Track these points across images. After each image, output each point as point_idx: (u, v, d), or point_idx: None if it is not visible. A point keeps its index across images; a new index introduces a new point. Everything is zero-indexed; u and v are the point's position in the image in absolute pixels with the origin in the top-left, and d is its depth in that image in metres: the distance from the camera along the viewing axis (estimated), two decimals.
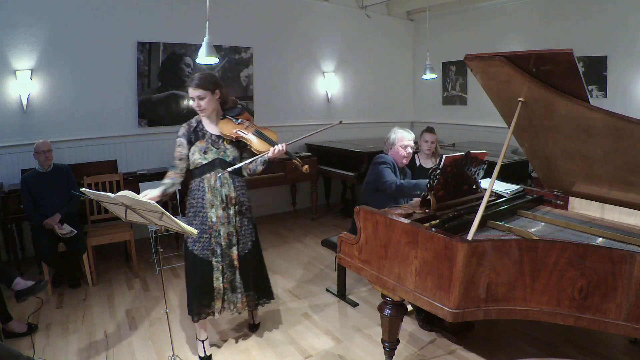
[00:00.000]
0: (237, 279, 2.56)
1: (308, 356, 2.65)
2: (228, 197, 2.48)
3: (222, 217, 2.47)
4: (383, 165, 3.05)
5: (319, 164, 5.49)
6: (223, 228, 2.48)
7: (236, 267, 2.55)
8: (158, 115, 4.85)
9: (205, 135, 2.48)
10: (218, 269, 2.50)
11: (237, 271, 2.55)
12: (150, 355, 2.63)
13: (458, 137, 6.34)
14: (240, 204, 2.54)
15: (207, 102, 2.40)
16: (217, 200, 2.46)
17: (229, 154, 2.48)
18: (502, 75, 2.02)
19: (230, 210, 2.49)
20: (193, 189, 2.52)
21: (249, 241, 2.61)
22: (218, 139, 2.49)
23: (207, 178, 2.46)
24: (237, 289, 2.58)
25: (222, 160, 2.46)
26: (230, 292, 2.56)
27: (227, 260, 2.52)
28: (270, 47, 5.56)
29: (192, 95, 2.39)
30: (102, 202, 2.16)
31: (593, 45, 4.86)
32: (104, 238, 3.75)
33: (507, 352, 2.64)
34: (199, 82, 2.37)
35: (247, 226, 2.60)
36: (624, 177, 2.16)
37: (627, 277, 1.64)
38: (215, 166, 2.45)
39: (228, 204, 2.48)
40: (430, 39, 6.36)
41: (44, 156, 3.48)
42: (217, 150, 2.46)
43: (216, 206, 2.46)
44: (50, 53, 4.15)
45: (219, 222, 2.47)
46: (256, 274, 2.67)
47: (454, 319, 1.77)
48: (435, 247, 1.80)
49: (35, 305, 3.24)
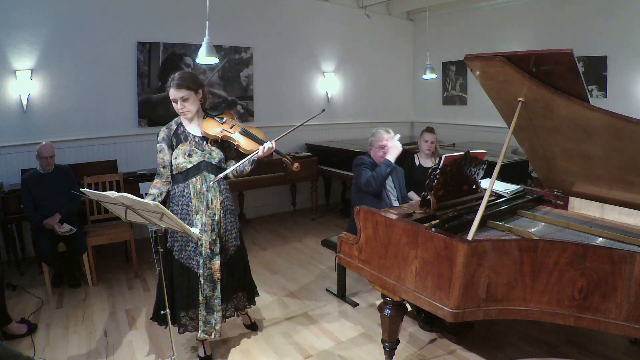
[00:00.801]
0: (215, 295, 2.38)
1: (308, 356, 2.65)
2: (213, 202, 2.35)
3: (206, 225, 2.32)
4: (360, 167, 3.15)
5: (319, 164, 5.49)
6: (205, 236, 2.32)
7: (217, 280, 2.37)
8: (158, 115, 4.84)
9: (187, 138, 2.36)
10: (201, 281, 2.35)
11: (217, 285, 2.37)
12: (150, 355, 2.63)
13: (458, 137, 6.34)
14: (224, 208, 2.41)
15: (191, 102, 2.30)
16: (203, 206, 2.33)
17: (214, 155, 2.36)
18: (502, 75, 2.02)
19: (215, 217, 2.36)
20: (177, 195, 2.37)
21: (231, 247, 2.48)
22: (202, 140, 2.37)
23: (192, 183, 2.33)
24: (213, 308, 2.37)
25: (208, 163, 2.34)
26: (205, 312, 2.36)
27: (207, 272, 2.34)
28: (270, 47, 5.56)
29: (175, 97, 2.26)
30: (102, 202, 2.16)
31: (593, 45, 4.86)
32: (104, 238, 3.75)
33: (507, 352, 2.64)
34: (181, 82, 2.26)
35: (230, 231, 2.47)
36: (624, 177, 2.16)
37: (627, 277, 1.64)
38: (201, 169, 2.32)
39: (213, 209, 2.35)
40: (430, 39, 6.36)
41: (46, 161, 3.48)
42: (202, 153, 2.34)
43: (201, 212, 2.32)
44: (50, 53, 4.15)
45: (202, 229, 2.31)
46: (241, 277, 2.58)
47: (454, 319, 1.77)
48: (435, 247, 1.80)
49: (35, 305, 3.25)
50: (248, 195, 5.60)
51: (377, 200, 3.08)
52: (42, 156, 3.46)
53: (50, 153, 3.48)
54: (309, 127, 6.02)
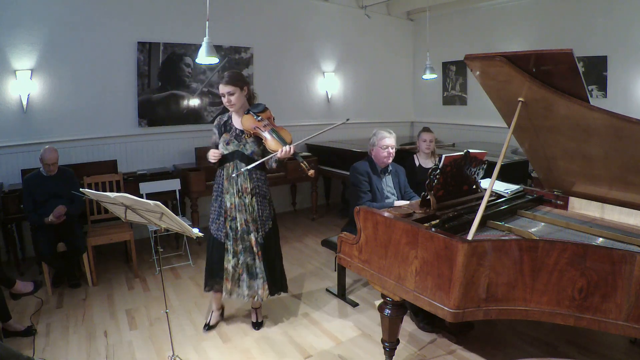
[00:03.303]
0: (256, 264, 2.71)
1: (308, 356, 2.65)
2: (243, 187, 2.67)
3: (238, 205, 2.66)
4: (356, 181, 3.13)
5: (319, 164, 5.49)
6: (239, 215, 2.67)
7: (256, 253, 2.70)
8: (158, 115, 4.84)
9: (231, 129, 2.71)
10: (229, 252, 2.68)
11: (256, 258, 2.71)
12: (150, 355, 2.63)
13: (458, 137, 6.34)
14: (257, 194, 2.71)
15: (236, 97, 2.61)
16: (233, 189, 2.67)
17: (248, 147, 2.66)
18: (502, 75, 2.02)
19: (245, 199, 2.67)
20: (217, 175, 2.77)
21: (264, 228, 2.74)
22: (241, 133, 2.68)
23: (226, 167, 2.69)
24: (256, 275, 2.72)
25: (241, 153, 2.66)
26: (247, 278, 2.71)
27: (244, 244, 2.69)
28: (270, 47, 5.57)
29: (223, 92, 2.60)
30: (102, 202, 2.16)
31: (593, 45, 4.86)
32: (104, 238, 3.75)
33: (507, 352, 2.64)
34: (229, 80, 2.59)
35: (261, 214, 2.73)
36: (624, 177, 2.16)
37: (627, 277, 1.64)
38: (235, 158, 2.66)
39: (243, 193, 2.66)
40: (430, 39, 6.36)
41: (49, 167, 3.48)
42: (238, 144, 2.67)
43: (231, 193, 2.67)
44: (50, 53, 4.15)
45: (234, 208, 2.66)
46: (272, 259, 2.79)
47: (454, 319, 1.77)
48: (435, 247, 1.80)
49: (35, 305, 3.25)
50: None
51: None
52: (44, 162, 3.45)
53: (52, 160, 3.46)
54: (309, 127, 6.03)
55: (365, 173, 3.16)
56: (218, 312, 2.99)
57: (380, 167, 3.22)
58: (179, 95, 4.94)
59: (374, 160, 3.22)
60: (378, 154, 3.18)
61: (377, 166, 3.21)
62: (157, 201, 1.96)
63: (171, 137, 4.99)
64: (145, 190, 4.14)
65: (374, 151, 3.22)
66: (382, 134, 3.16)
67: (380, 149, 3.15)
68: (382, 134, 3.16)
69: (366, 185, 3.13)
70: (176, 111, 4.95)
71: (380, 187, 3.18)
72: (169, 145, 4.99)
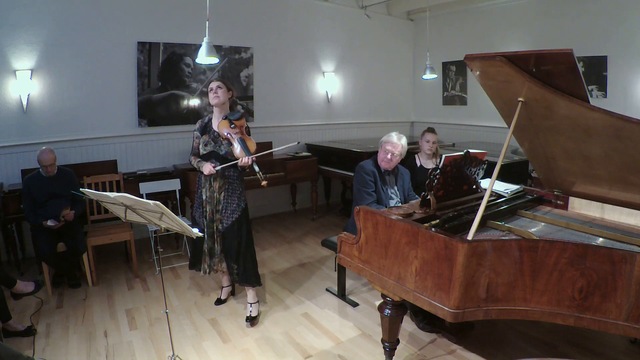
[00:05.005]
0: (215, 248, 3.04)
1: (308, 356, 2.65)
2: (214, 183, 2.97)
3: (208, 198, 2.98)
4: (362, 181, 3.12)
5: (319, 164, 5.49)
6: (209, 206, 2.99)
7: (215, 239, 3.02)
8: (158, 115, 4.84)
9: (210, 131, 2.96)
10: (204, 237, 3.01)
11: (215, 242, 3.03)
12: (150, 355, 2.63)
13: (458, 137, 6.34)
14: (226, 189, 2.99)
15: (223, 93, 2.87)
16: (207, 184, 2.98)
17: (222, 148, 2.92)
18: (502, 75, 2.02)
19: (214, 193, 2.98)
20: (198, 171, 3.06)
21: (230, 220, 2.99)
22: (218, 135, 2.92)
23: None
24: (214, 255, 3.06)
25: (216, 153, 2.93)
26: (208, 258, 3.05)
27: (209, 231, 3.01)
28: (270, 47, 5.56)
29: (212, 86, 2.87)
30: (102, 202, 2.16)
31: (593, 45, 4.86)
32: (104, 238, 3.74)
33: (507, 352, 2.64)
34: (220, 78, 3.16)
35: (226, 209, 3.00)
36: (624, 177, 2.16)
37: (627, 277, 1.64)
38: (211, 157, 2.93)
39: (214, 188, 2.97)
40: (430, 39, 6.36)
41: (46, 169, 3.47)
42: (215, 145, 2.93)
43: (206, 188, 2.99)
44: (50, 53, 4.15)
45: (206, 200, 2.99)
46: (237, 249, 3.00)
47: (454, 319, 1.77)
48: (435, 247, 1.80)
49: (36, 305, 3.25)
50: (248, 195, 5.55)
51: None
52: (41, 164, 3.44)
53: (49, 162, 3.45)
54: (309, 127, 6.04)
55: (371, 172, 3.13)
56: (228, 288, 3.39)
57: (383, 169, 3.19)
58: (179, 95, 4.94)
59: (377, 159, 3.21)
60: (379, 154, 3.17)
61: (381, 168, 3.19)
62: (157, 201, 1.96)
63: (171, 137, 4.99)
64: (145, 190, 4.14)
65: (380, 150, 3.19)
66: (389, 137, 3.12)
67: (382, 151, 3.14)
68: (388, 137, 3.12)
69: (372, 185, 3.09)
70: (176, 111, 4.95)
71: (384, 187, 3.17)
72: (169, 145, 4.99)
